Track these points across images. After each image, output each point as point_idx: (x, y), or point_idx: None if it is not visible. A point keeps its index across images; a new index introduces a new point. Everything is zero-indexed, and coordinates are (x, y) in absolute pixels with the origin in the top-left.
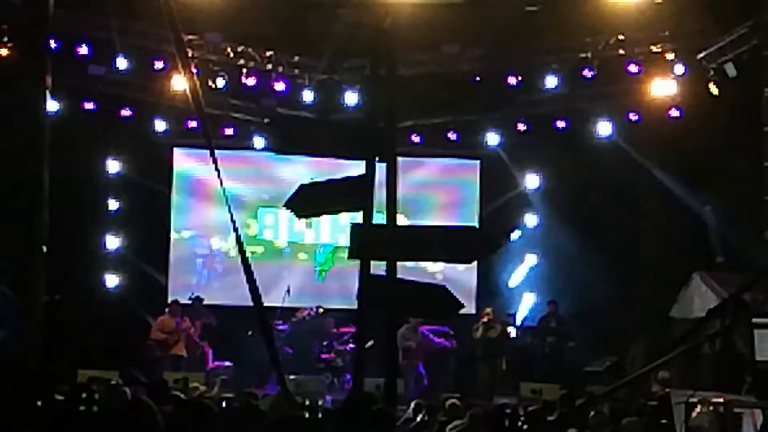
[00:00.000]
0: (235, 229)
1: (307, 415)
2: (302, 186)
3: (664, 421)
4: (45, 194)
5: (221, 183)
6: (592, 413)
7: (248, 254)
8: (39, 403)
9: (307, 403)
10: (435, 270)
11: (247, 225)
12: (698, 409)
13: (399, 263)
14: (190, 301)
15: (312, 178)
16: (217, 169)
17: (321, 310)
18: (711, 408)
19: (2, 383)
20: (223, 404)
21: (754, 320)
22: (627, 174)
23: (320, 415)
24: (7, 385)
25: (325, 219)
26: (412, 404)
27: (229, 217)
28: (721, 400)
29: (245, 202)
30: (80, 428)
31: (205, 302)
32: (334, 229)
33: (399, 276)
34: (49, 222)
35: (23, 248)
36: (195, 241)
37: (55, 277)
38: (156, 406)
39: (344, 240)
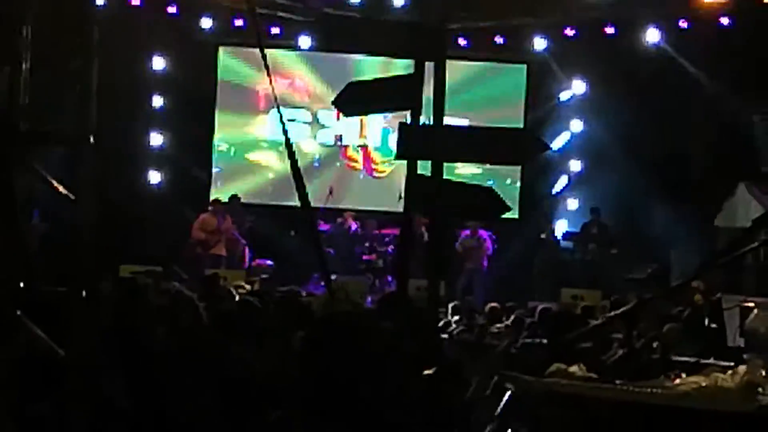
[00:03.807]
0: (283, 126)
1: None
2: (351, 84)
3: (714, 325)
4: (93, 86)
5: (270, 81)
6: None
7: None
8: (84, 292)
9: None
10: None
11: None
12: (755, 313)
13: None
14: (228, 201)
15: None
16: (266, 66)
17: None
18: None
19: (51, 271)
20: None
21: None
22: (675, 82)
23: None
24: (55, 273)
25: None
26: (450, 306)
27: (278, 114)
28: None
29: (290, 102)
30: (122, 320)
31: (246, 201)
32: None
33: None
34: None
35: (71, 139)
36: (239, 141)
37: (100, 173)
38: (200, 301)
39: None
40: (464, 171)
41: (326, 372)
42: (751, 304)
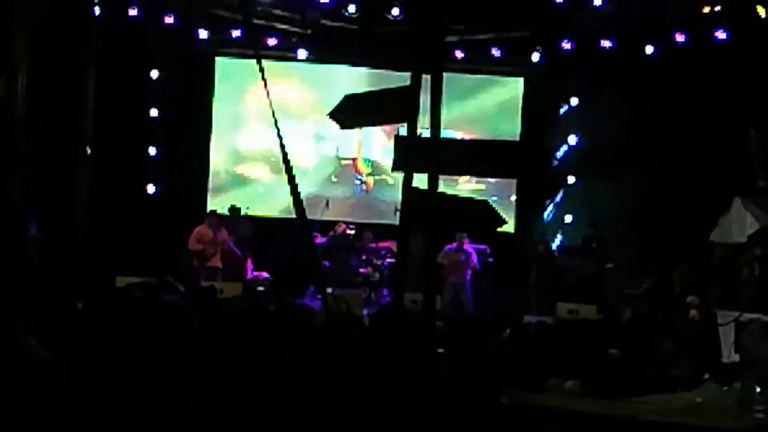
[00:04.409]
0: (279, 137)
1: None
2: (347, 96)
3: (709, 341)
4: (90, 98)
5: (267, 92)
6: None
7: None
8: (79, 305)
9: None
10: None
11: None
12: (750, 329)
13: None
14: (227, 212)
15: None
16: (263, 76)
17: (351, 232)
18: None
19: (43, 281)
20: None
21: None
22: (671, 95)
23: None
24: (47, 285)
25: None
26: (446, 318)
27: (273, 125)
28: None
29: (286, 113)
30: (116, 331)
31: (245, 213)
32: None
33: None
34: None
35: (67, 152)
36: (235, 153)
37: (96, 184)
38: (194, 312)
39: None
40: (466, 187)
41: (326, 382)
42: (746, 320)
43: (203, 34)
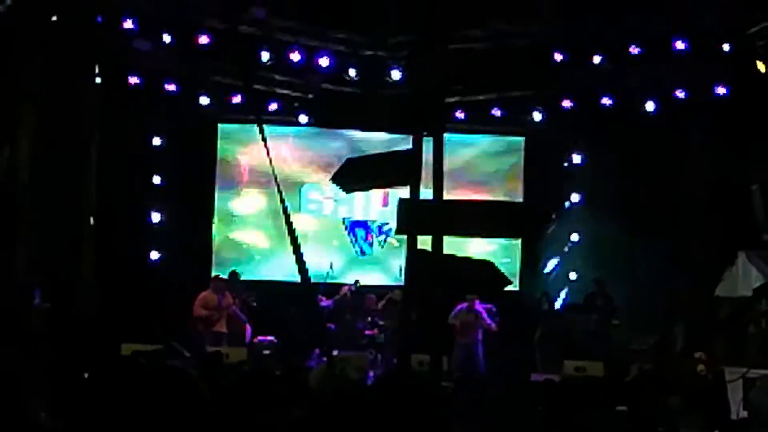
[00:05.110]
0: (282, 200)
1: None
2: (349, 160)
3: (717, 397)
4: (93, 166)
5: (269, 156)
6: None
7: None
8: (85, 375)
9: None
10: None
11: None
12: (758, 385)
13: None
14: (227, 278)
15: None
16: (265, 143)
17: (358, 284)
18: None
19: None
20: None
21: None
22: (672, 152)
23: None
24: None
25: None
26: (455, 379)
27: (276, 189)
28: None
29: (289, 177)
30: (122, 401)
31: (249, 278)
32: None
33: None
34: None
35: (71, 221)
36: (238, 217)
37: (100, 251)
38: (203, 379)
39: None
40: (477, 249)
41: None
42: (754, 376)
43: (204, 100)
